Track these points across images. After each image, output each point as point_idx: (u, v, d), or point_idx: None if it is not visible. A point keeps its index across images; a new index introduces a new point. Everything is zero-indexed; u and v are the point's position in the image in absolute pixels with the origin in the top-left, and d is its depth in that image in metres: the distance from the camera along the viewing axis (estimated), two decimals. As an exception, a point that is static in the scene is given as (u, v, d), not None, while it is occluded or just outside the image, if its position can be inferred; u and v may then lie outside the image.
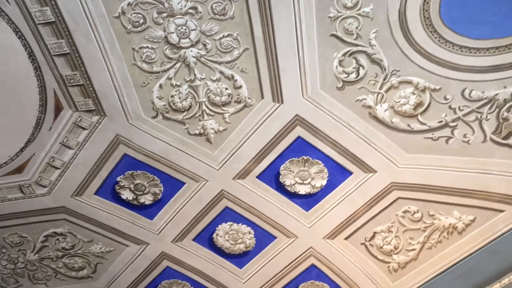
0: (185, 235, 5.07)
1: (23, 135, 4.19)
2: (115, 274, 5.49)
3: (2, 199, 4.64)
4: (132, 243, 5.19)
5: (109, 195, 4.75)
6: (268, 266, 5.15)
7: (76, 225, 5.00)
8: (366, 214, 4.51)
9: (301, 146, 4.24)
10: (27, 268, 5.37)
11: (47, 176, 4.52)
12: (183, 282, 5.53)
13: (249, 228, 4.94)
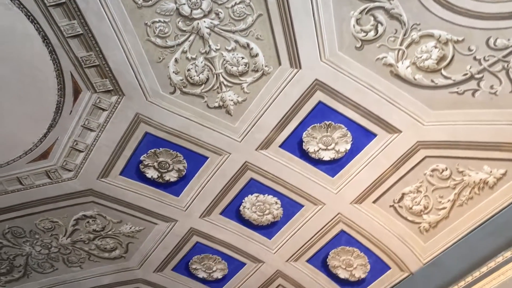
0: (212, 209, 5.09)
1: (45, 120, 4.22)
2: (147, 253, 5.57)
3: (31, 186, 4.71)
4: (161, 221, 5.23)
5: (134, 174, 4.78)
6: (297, 235, 5.14)
7: (104, 207, 5.06)
8: (393, 175, 4.43)
9: (322, 111, 4.17)
10: (61, 252, 5.48)
11: (72, 160, 4.57)
12: (214, 256, 5.58)
13: (276, 198, 4.92)
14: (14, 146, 4.39)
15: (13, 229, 5.13)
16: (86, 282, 5.81)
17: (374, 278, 5.15)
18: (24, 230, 5.17)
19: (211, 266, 5.67)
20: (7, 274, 5.57)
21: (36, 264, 5.55)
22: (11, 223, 5.06)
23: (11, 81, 3.92)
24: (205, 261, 5.63)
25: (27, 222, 5.08)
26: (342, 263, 5.16)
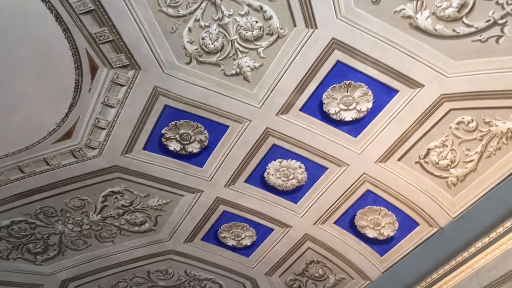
0: (236, 178, 5.11)
1: (65, 100, 4.26)
2: (176, 224, 5.67)
3: (57, 166, 4.80)
4: (187, 193, 5.29)
5: (157, 148, 4.81)
6: (323, 198, 5.15)
7: (131, 182, 5.13)
8: (417, 131, 4.36)
9: (341, 70, 4.09)
10: (92, 228, 5.61)
11: (95, 138, 4.62)
12: (241, 224, 5.64)
13: (299, 163, 4.91)
14: (38, 127, 4.46)
15: (45, 209, 5.25)
16: (119, 256, 5.96)
17: (403, 235, 5.15)
18: (56, 210, 5.29)
19: (239, 233, 5.74)
20: (43, 253, 5.75)
21: (69, 242, 5.70)
22: (42, 203, 5.18)
23: (30, 63, 3.95)
24: (233, 229, 5.70)
25: (58, 201, 5.20)
26: (370, 223, 5.16)
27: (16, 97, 4.20)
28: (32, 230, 5.44)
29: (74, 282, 6.13)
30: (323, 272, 5.89)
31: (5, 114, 4.31)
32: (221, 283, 6.44)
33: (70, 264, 5.93)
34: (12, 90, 4.14)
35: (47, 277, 5.98)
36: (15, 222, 5.31)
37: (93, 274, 6.11)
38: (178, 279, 6.39)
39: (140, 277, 6.30)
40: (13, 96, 4.19)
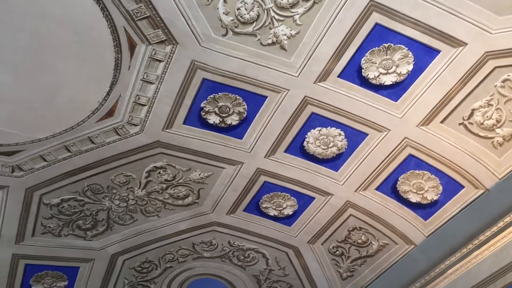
0: (276, 148, 5.13)
1: (106, 78, 4.34)
2: (218, 197, 5.76)
3: (102, 144, 4.93)
4: (228, 165, 5.36)
5: (196, 122, 4.87)
6: (364, 164, 5.12)
7: (172, 157, 5.23)
8: (460, 92, 4.25)
9: (380, 33, 4.00)
10: (138, 203, 5.77)
11: (137, 115, 4.71)
12: (282, 194, 5.68)
13: (339, 130, 4.88)
14: (81, 107, 4.57)
15: (92, 186, 5.43)
16: (164, 229, 6.13)
17: (447, 198, 5.08)
18: (102, 186, 5.46)
19: (280, 203, 5.79)
20: (92, 229, 5.97)
21: (117, 217, 5.89)
22: (89, 181, 5.36)
23: (70, 44, 4.03)
24: (274, 199, 5.75)
25: (104, 178, 5.36)
26: (413, 187, 5.11)
27: (58, 78, 4.31)
28: (81, 207, 5.65)
29: (123, 255, 6.36)
30: (365, 238, 5.90)
31: (49, 96, 4.44)
32: (264, 253, 6.55)
33: (118, 239, 6.14)
34: (55, 71, 4.25)
35: (98, 252, 6.23)
36: (64, 200, 5.52)
37: (140, 248, 6.32)
38: (222, 250, 6.54)
39: (186, 249, 6.47)
40: (55, 78, 4.30)
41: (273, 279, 6.91)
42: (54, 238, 5.93)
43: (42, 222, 5.71)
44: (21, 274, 6.18)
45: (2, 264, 5.96)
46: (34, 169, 5.11)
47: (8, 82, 4.24)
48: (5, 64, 4.10)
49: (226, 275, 6.96)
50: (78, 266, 6.39)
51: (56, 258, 6.18)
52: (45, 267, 6.23)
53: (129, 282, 6.73)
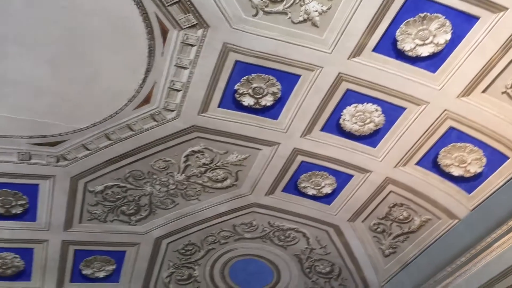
0: (312, 127, 5.10)
1: (141, 66, 4.40)
2: (256, 178, 5.80)
3: (140, 131, 5.04)
4: (264, 146, 5.37)
5: (231, 105, 4.89)
6: (403, 139, 5.02)
7: (209, 140, 5.29)
8: (503, 59, 4.07)
9: (415, 3, 3.87)
10: (178, 188, 5.88)
11: (172, 100, 4.76)
12: (320, 173, 5.66)
13: (375, 106, 4.79)
14: (118, 96, 4.67)
15: (133, 173, 5.57)
16: (205, 212, 6.23)
17: (491, 171, 4.92)
18: (143, 172, 5.59)
19: (319, 182, 5.77)
20: (136, 214, 6.13)
21: (158, 202, 6.03)
22: (130, 167, 5.50)
23: (104, 34, 4.10)
24: (312, 178, 5.74)
25: (144, 164, 5.49)
26: (455, 161, 4.97)
27: (95, 68, 4.41)
28: (124, 193, 5.81)
29: (166, 239, 6.52)
30: (407, 214, 5.81)
31: (87, 86, 4.55)
32: (305, 232, 6.57)
33: (161, 223, 6.29)
34: (91, 62, 4.35)
35: (142, 236, 6.41)
36: (108, 187, 5.69)
37: (183, 231, 6.45)
38: (262, 231, 6.60)
39: (227, 231, 6.57)
40: (92, 68, 4.40)
41: (315, 258, 6.93)
42: (100, 224, 6.14)
43: (88, 209, 5.91)
44: (72, 260, 6.45)
45: (53, 250, 6.23)
46: (77, 158, 5.28)
47: (47, 75, 4.37)
48: (43, 57, 4.22)
49: (267, 255, 7.03)
50: (125, 250, 6.60)
51: (103, 243, 6.40)
52: (94, 252, 6.47)
53: (173, 264, 6.91)
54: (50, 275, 6.50)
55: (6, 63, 4.23)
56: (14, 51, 4.15)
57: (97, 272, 6.67)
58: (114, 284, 6.91)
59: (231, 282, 7.31)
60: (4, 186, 5.44)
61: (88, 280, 6.76)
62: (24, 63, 4.26)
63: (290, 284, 7.39)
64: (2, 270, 6.27)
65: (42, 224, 5.92)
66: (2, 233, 5.92)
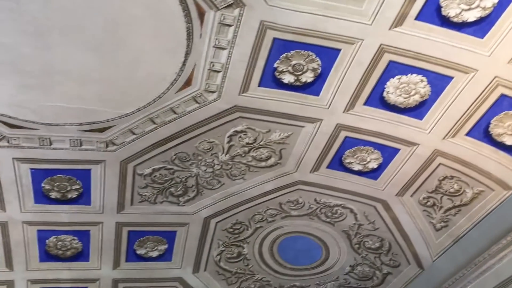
0: (355, 101, 5.00)
1: (180, 49, 4.44)
2: (300, 156, 5.78)
3: (183, 113, 5.12)
4: (307, 123, 5.33)
5: (271, 83, 4.86)
6: (451, 109, 4.84)
7: (251, 120, 5.31)
8: (557, 19, 3.83)
9: (459, -35, 3.69)
10: (223, 168, 5.96)
11: (213, 82, 4.80)
12: (365, 148, 5.57)
13: (420, 76, 4.63)
14: (160, 80, 4.75)
15: (179, 155, 5.69)
16: (251, 191, 6.29)
17: (547, 138, 4.70)
18: (188, 154, 5.70)
19: (364, 157, 5.68)
20: (183, 195, 6.28)
21: (205, 182, 6.14)
22: (175, 150, 5.61)
23: (142, 19, 4.16)
24: (357, 154, 5.66)
25: (189, 146, 5.58)
26: (508, 129, 4.74)
27: (135, 54, 4.49)
28: (171, 175, 5.95)
29: (214, 218, 6.65)
30: (458, 187, 5.64)
31: (129, 72, 4.65)
32: (352, 208, 6.52)
33: (209, 203, 6.41)
34: (131, 48, 4.43)
35: (191, 216, 6.57)
36: (155, 169, 5.84)
37: (230, 210, 6.55)
38: (309, 208, 6.60)
39: (273, 209, 6.61)
40: (133, 54, 4.49)
41: (363, 233, 6.88)
42: (151, 206, 6.34)
43: (138, 192, 6.11)
44: (126, 240, 6.71)
45: (108, 231, 6.51)
46: (125, 142, 5.45)
47: (92, 63, 4.50)
48: (87, 46, 4.34)
49: (315, 232, 7.04)
50: (175, 230, 6.79)
51: (154, 224, 6.61)
52: (146, 232, 6.70)
53: (223, 243, 7.05)
54: (106, 256, 6.81)
55: (53, 53, 4.38)
56: (60, 42, 4.28)
57: (151, 251, 6.92)
58: (167, 262, 7.16)
59: (280, 259, 7.40)
60: (59, 172, 5.71)
61: (143, 260, 7.03)
62: (70, 53, 4.39)
63: (340, 260, 7.39)
64: (62, 252, 6.62)
65: (97, 207, 6.19)
66: (60, 217, 6.23)
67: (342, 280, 7.69)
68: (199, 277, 7.37)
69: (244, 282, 7.56)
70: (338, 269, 7.51)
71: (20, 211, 6.05)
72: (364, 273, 7.45)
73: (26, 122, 5.08)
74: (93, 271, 6.96)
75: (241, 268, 7.40)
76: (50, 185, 5.82)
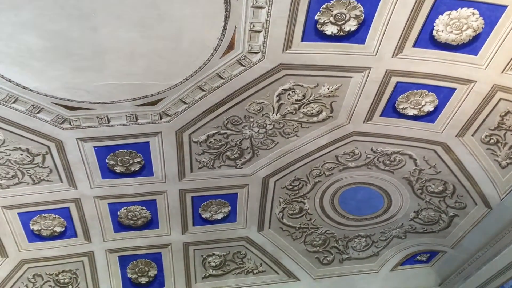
0: (403, 44, 4.82)
1: (219, 14, 4.43)
2: (351, 107, 5.70)
3: (230, 77, 5.16)
4: (355, 73, 5.22)
5: (314, 36, 4.77)
6: (508, 41, 4.55)
7: (298, 76, 5.26)
8: None
9: None
10: (275, 127, 6.00)
11: (255, 42, 4.78)
12: (419, 91, 5.40)
13: (471, 9, 4.38)
14: (204, 47, 4.79)
15: (231, 119, 5.78)
16: (306, 147, 6.31)
17: None
18: (240, 117, 5.77)
19: (419, 101, 5.51)
20: (240, 157, 6.40)
21: (259, 143, 6.22)
22: (227, 114, 5.71)
23: (179, -11, 4.17)
24: (411, 98, 5.49)
25: (239, 109, 5.65)
26: None
27: (177, 24, 4.53)
28: (226, 139, 6.08)
29: (273, 177, 6.75)
30: (523, 121, 5.38)
31: (174, 43, 4.72)
32: (411, 154, 6.39)
33: (265, 163, 6.51)
34: (172, 19, 4.47)
35: (250, 177, 6.71)
36: (210, 135, 5.99)
37: (287, 168, 6.62)
38: (366, 158, 6.54)
39: (330, 162, 6.61)
40: (175, 24, 4.53)
41: (425, 178, 6.75)
42: (210, 171, 6.53)
43: (196, 159, 6.30)
44: (190, 206, 6.98)
45: (173, 199, 6.80)
46: (178, 112, 5.60)
47: (137, 38, 4.59)
48: (130, 22, 4.42)
49: (375, 181, 6.99)
50: (236, 192, 6.97)
51: (215, 188, 6.82)
52: (208, 197, 6.93)
53: (284, 200, 7.17)
54: (174, 222, 7.14)
55: (100, 33, 4.50)
56: (104, 21, 4.38)
57: (215, 214, 7.17)
58: (232, 223, 7.40)
59: (342, 211, 7.45)
60: (120, 147, 6.00)
61: (209, 223, 7.31)
62: (116, 31, 4.50)
63: (403, 207, 7.34)
64: (133, 221, 7.01)
65: (159, 177, 6.46)
66: (127, 189, 6.57)
67: (407, 226, 7.66)
68: (264, 235, 7.59)
69: (308, 236, 7.70)
70: (402, 216, 7.47)
71: (90, 187, 6.45)
72: (430, 217, 7.37)
73: (84, 103, 5.33)
74: (164, 237, 7.34)
75: (304, 223, 7.52)
76: (114, 160, 6.14)
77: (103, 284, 7.61)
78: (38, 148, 5.83)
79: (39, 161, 5.99)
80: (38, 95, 5.13)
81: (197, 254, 7.69)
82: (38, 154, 5.90)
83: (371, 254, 8.11)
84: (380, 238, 7.91)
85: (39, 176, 6.17)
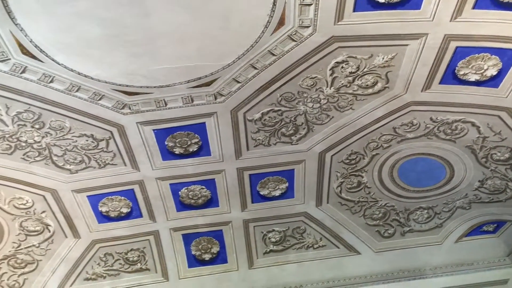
0: (462, 7, 4.59)
1: (267, -10, 4.41)
2: (408, 76, 5.52)
3: (282, 54, 5.13)
4: (411, 40, 5.04)
5: (366, 5, 4.64)
6: None
7: (351, 48, 5.15)
8: None
9: None
10: (330, 101, 5.92)
11: (306, 16, 4.71)
12: (480, 55, 5.13)
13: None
14: (254, 25, 4.78)
15: (284, 95, 5.76)
16: (362, 120, 6.20)
17: None
18: (293, 93, 5.74)
19: (481, 65, 5.25)
20: (295, 134, 6.40)
21: (314, 118, 6.17)
22: (280, 91, 5.69)
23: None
24: (472, 63, 5.23)
25: (292, 85, 5.62)
26: None
27: (225, 5, 4.54)
28: (280, 116, 6.08)
29: (329, 152, 6.70)
30: None
31: (223, 22, 4.73)
32: (473, 121, 6.12)
33: (321, 138, 6.47)
34: None
35: (306, 153, 6.70)
36: (264, 113, 6.00)
37: (343, 142, 6.54)
38: (425, 128, 6.34)
39: (388, 134, 6.46)
40: (223, 3, 4.54)
41: (490, 146, 6.47)
42: (266, 148, 6.57)
43: (252, 137, 6.36)
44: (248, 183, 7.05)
45: (230, 177, 6.91)
46: (231, 92, 5.65)
47: (187, 20, 4.65)
48: (178, 5, 4.47)
49: (436, 151, 6.77)
50: (293, 169, 6.98)
51: (272, 165, 6.86)
52: (266, 174, 6.98)
53: (341, 174, 7.11)
54: (234, 200, 7.28)
55: (150, 19, 4.59)
56: (155, 6, 4.46)
57: (273, 191, 7.23)
58: (290, 199, 7.44)
59: (402, 183, 7.29)
60: (178, 129, 6.14)
61: (267, 199, 7.38)
62: (167, 15, 4.57)
63: (466, 177, 7.08)
64: (194, 201, 7.21)
65: (217, 157, 6.58)
66: (187, 170, 6.75)
67: (471, 196, 7.40)
68: (323, 210, 7.58)
69: (368, 209, 7.62)
70: (466, 186, 7.22)
71: (152, 169, 6.67)
72: (496, 186, 7.08)
73: (141, 88, 5.49)
74: (224, 214, 7.50)
75: (363, 197, 7.44)
76: (173, 142, 6.31)
77: (169, 262, 7.92)
78: (102, 133, 6.09)
79: (103, 146, 6.26)
80: (99, 83, 5.34)
81: (257, 231, 7.81)
82: (102, 140, 6.17)
83: (434, 226, 7.92)
84: (443, 209, 7.69)
85: (104, 160, 6.46)
